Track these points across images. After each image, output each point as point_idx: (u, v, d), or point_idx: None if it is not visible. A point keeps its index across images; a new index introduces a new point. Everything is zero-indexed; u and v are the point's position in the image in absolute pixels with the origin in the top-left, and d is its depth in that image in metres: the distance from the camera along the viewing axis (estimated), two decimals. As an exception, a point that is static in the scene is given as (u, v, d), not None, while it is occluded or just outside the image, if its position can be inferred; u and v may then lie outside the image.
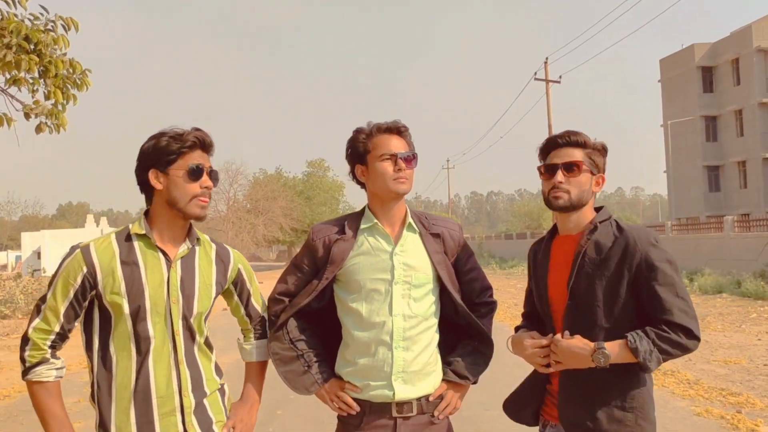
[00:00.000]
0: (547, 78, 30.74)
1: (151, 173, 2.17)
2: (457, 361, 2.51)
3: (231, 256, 2.40)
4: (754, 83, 39.50)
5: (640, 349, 2.09)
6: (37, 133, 6.82)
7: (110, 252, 2.14)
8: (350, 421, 2.46)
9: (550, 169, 2.34)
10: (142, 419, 2.11)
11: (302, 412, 6.59)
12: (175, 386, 2.15)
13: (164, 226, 2.21)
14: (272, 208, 45.19)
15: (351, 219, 2.53)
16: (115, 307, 2.11)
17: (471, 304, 2.58)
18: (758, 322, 12.80)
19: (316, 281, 2.48)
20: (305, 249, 2.56)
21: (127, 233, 2.20)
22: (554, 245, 2.44)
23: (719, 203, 42.59)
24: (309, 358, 2.50)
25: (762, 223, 22.97)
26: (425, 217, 2.56)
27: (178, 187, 2.17)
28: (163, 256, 2.19)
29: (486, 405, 6.39)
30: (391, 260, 2.43)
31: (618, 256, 2.20)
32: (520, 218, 64.51)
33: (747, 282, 17.91)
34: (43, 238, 46.79)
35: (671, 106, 45.05)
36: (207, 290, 2.27)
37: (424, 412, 2.43)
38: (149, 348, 2.13)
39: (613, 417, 2.17)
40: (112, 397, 2.11)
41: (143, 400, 2.11)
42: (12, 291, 19.47)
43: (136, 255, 2.16)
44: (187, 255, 2.25)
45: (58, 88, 6.68)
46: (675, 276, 2.18)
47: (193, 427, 2.17)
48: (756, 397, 6.93)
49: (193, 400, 2.18)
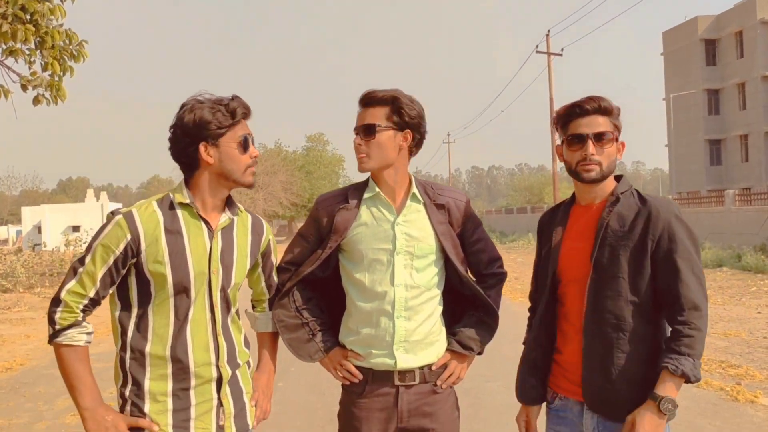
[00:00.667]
0: (548, 51, 30.48)
1: (202, 147, 2.11)
2: (462, 331, 2.50)
3: (264, 227, 2.39)
4: (757, 56, 39.20)
5: (686, 371, 2.02)
6: (34, 105, 6.78)
7: (155, 220, 2.10)
8: (353, 389, 2.47)
9: (577, 139, 2.21)
10: (178, 387, 2.10)
11: (304, 383, 6.62)
12: (213, 357, 2.15)
13: (207, 196, 2.18)
14: (272, 183, 45.17)
15: (355, 189, 2.51)
16: (157, 276, 2.08)
17: (479, 275, 2.57)
18: (758, 296, 12.85)
19: (320, 250, 2.47)
20: (310, 219, 2.56)
21: (170, 201, 2.15)
22: (572, 215, 2.37)
23: (720, 177, 42.51)
24: (314, 327, 2.51)
25: (763, 197, 22.93)
26: (431, 187, 2.53)
27: (233, 160, 2.14)
28: (205, 225, 2.17)
29: (486, 377, 6.44)
30: (392, 230, 2.41)
31: (641, 227, 2.15)
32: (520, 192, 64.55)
33: (747, 256, 17.94)
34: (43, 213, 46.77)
35: (674, 79, 44.76)
36: (243, 261, 2.27)
37: (426, 381, 2.43)
38: (188, 318, 2.12)
39: (637, 384, 2.13)
40: (146, 365, 2.09)
41: (180, 370, 2.10)
42: (13, 265, 19.54)
43: (180, 224, 2.13)
44: (228, 225, 2.23)
45: (55, 60, 6.61)
46: (694, 252, 2.13)
47: (227, 397, 2.19)
48: (755, 370, 6.97)
49: (229, 371, 2.19)
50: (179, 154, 2.15)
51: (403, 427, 2.42)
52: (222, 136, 2.12)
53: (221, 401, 2.18)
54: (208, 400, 2.15)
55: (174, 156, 2.17)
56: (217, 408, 2.17)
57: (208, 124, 2.09)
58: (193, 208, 2.15)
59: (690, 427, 5.13)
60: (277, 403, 6.13)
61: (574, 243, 2.30)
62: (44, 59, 6.61)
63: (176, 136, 2.13)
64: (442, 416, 2.45)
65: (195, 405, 2.13)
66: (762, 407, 5.67)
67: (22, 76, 6.62)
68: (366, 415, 2.42)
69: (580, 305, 2.24)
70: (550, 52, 30.51)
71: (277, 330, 2.49)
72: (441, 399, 2.46)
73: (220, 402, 2.18)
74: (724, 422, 5.27)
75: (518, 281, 15.17)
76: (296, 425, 5.50)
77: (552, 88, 30.00)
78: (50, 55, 6.59)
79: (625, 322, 2.14)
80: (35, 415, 5.90)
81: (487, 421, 5.36)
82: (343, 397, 2.54)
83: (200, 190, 2.17)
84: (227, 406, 2.19)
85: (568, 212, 2.39)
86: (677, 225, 2.13)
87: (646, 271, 2.14)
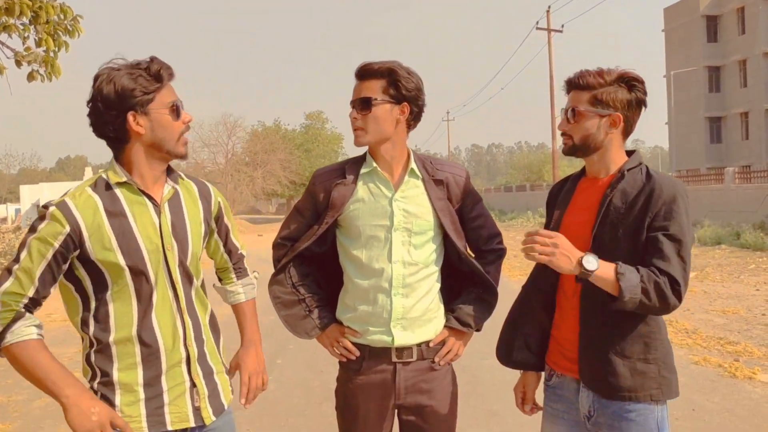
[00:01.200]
0: (549, 27, 30.25)
1: (131, 116, 1.94)
2: (460, 308, 2.48)
3: (211, 190, 2.26)
4: (759, 32, 38.90)
5: (626, 275, 1.98)
6: (29, 81, 6.69)
7: (92, 205, 1.93)
8: (350, 366, 2.45)
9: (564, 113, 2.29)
10: (149, 373, 1.99)
11: (301, 360, 6.63)
12: (180, 336, 2.05)
13: (145, 170, 2.01)
14: (271, 161, 45.06)
15: (352, 163, 2.46)
16: (108, 265, 1.93)
17: (478, 251, 2.54)
18: (756, 273, 12.85)
19: (316, 226, 2.44)
20: (307, 194, 2.51)
21: (105, 182, 1.99)
22: (579, 187, 2.36)
23: (720, 155, 42.41)
24: (310, 303, 2.48)
25: (763, 175, 22.87)
26: (430, 162, 2.48)
27: (165, 127, 1.98)
28: (149, 201, 2.02)
29: (484, 354, 6.39)
30: (390, 206, 2.37)
31: (641, 204, 2.11)
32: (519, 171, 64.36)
33: (746, 233, 17.92)
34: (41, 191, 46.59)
35: (674, 56, 44.47)
36: (198, 230, 2.15)
37: (424, 358, 2.41)
38: (152, 300, 2.00)
39: (636, 370, 2.11)
40: (113, 355, 1.97)
41: (150, 355, 1.99)
42: (12, 243, 19.48)
43: (122, 204, 1.97)
44: (173, 196, 2.09)
45: (49, 35, 6.52)
46: (687, 235, 2.08)
47: (198, 376, 2.09)
48: (753, 346, 6.99)
49: (196, 350, 2.10)
50: (104, 128, 1.97)
51: (400, 403, 2.41)
52: (151, 102, 1.95)
53: (194, 382, 2.07)
54: (180, 384, 2.04)
55: (98, 132, 1.99)
56: (190, 389, 2.07)
57: (132, 91, 1.92)
58: (132, 185, 2.00)
59: (688, 404, 5.14)
60: (275, 381, 6.18)
61: (577, 216, 2.28)
62: (38, 34, 6.52)
63: (97, 110, 1.94)
64: (439, 393, 2.44)
65: (167, 390, 2.01)
66: (760, 383, 5.68)
67: (17, 52, 6.54)
68: (363, 392, 2.40)
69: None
70: (550, 28, 30.27)
71: (253, 297, 2.45)
72: (439, 376, 2.44)
73: (193, 383, 2.07)
74: (722, 399, 5.29)
75: (517, 259, 15.16)
76: (294, 402, 5.51)
77: (552, 65, 29.80)
78: (44, 30, 6.49)
79: None
80: (34, 393, 5.89)
81: (486, 398, 5.38)
82: (340, 374, 2.52)
83: (135, 164, 2.01)
84: (200, 386, 2.09)
85: (576, 184, 2.37)
86: (679, 204, 2.08)
87: (642, 249, 2.10)
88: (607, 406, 2.16)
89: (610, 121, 2.20)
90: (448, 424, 2.48)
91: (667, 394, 2.14)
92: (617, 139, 2.23)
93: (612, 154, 2.24)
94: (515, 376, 2.55)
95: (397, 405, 2.41)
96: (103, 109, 1.94)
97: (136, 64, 1.97)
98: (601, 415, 2.17)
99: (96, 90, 1.94)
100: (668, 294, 2.00)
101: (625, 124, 2.22)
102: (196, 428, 2.07)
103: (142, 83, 1.94)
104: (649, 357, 2.11)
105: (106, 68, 1.96)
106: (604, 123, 2.20)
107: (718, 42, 42.33)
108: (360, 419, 2.42)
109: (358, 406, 2.41)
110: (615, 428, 2.14)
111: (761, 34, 38.84)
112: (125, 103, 1.93)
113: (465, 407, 5.14)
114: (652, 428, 2.13)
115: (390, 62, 2.34)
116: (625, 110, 2.20)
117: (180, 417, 2.03)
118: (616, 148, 2.24)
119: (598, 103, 2.20)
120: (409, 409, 2.42)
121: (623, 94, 2.19)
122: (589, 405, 2.20)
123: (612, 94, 2.19)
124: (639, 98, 2.21)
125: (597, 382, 2.17)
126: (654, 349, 2.12)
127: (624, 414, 2.13)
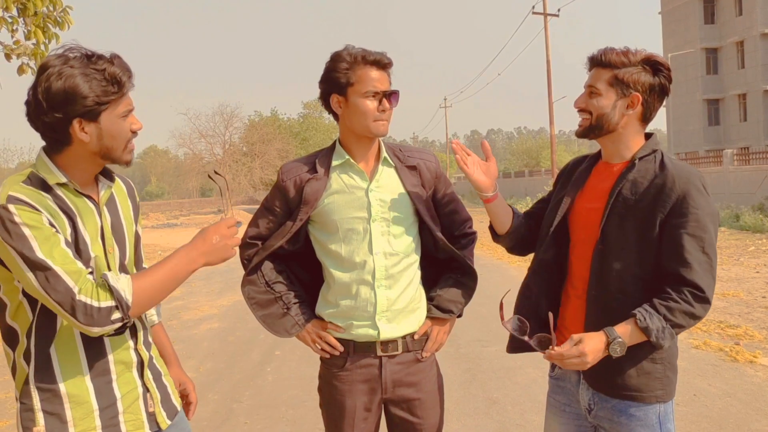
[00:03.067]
0: (545, 11, 30.05)
1: (76, 123, 1.72)
2: (440, 295, 2.44)
3: (134, 189, 2.12)
4: (756, 13, 38.68)
5: (651, 327, 1.92)
6: (19, 75, 6.61)
7: (47, 205, 1.71)
8: (334, 362, 2.39)
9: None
10: (99, 382, 1.82)
11: (300, 352, 6.60)
12: (130, 340, 1.91)
13: (81, 171, 1.82)
14: (268, 151, 44.93)
15: (321, 156, 2.39)
16: None
17: (451, 237, 2.49)
18: (756, 255, 12.81)
19: (290, 222, 2.36)
20: (275, 190, 2.41)
21: (42, 181, 1.75)
22: (594, 171, 2.27)
23: (718, 137, 42.31)
24: (288, 300, 2.43)
25: (761, 156, 22.84)
26: (399, 149, 2.44)
27: (114, 137, 1.78)
28: (91, 202, 1.85)
29: (483, 342, 6.40)
30: (366, 197, 2.32)
31: (652, 196, 2.03)
32: (518, 156, 64.26)
33: (745, 215, 17.90)
34: (39, 185, 46.42)
35: (672, 38, 44.28)
36: (131, 229, 2.01)
37: (409, 350, 2.37)
38: None
39: (642, 370, 2.06)
40: (55, 367, 1.77)
41: (98, 363, 1.82)
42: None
43: (69, 206, 1.77)
44: (110, 197, 1.95)
45: (38, 27, 6.44)
46: (709, 229, 1.98)
47: (149, 381, 1.98)
48: (754, 329, 6.95)
49: (147, 353, 1.99)
50: (43, 127, 1.74)
51: (387, 398, 2.37)
52: (104, 111, 1.74)
53: (147, 387, 1.95)
54: (133, 389, 1.90)
55: (34, 126, 1.77)
56: (143, 395, 1.94)
57: (84, 98, 1.70)
58: (71, 186, 1.79)
59: (689, 389, 5.11)
60: (273, 373, 6.17)
61: (589, 203, 2.21)
62: (27, 27, 6.44)
63: (40, 107, 1.71)
64: (426, 385, 2.41)
65: (121, 398, 1.86)
66: (761, 367, 5.65)
67: (6, 45, 6.46)
68: (349, 388, 2.36)
69: (585, 271, 2.15)
70: (546, 12, 30.08)
71: (161, 317, 2.30)
72: (425, 368, 2.41)
73: (146, 388, 1.95)
74: (723, 383, 5.26)
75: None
76: (291, 394, 5.48)
77: (549, 50, 29.64)
78: (33, 22, 6.41)
79: (629, 298, 2.03)
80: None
81: (485, 386, 5.34)
82: (323, 370, 2.46)
83: (71, 167, 1.80)
84: (153, 390, 1.97)
85: (591, 167, 2.30)
86: (694, 198, 1.98)
87: (653, 245, 2.02)
88: (606, 400, 2.12)
89: (628, 101, 2.11)
90: (437, 416, 2.45)
91: (670, 395, 2.09)
92: (634, 123, 2.14)
93: (627, 139, 2.15)
94: (515, 364, 2.51)
95: (384, 399, 2.37)
96: (46, 107, 1.70)
97: (92, 60, 1.73)
98: (602, 409, 2.13)
99: (44, 85, 1.70)
100: (696, 310, 1.94)
101: (644, 108, 2.13)
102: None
103: (96, 89, 1.71)
104: (656, 357, 2.05)
105: (58, 59, 1.71)
106: (621, 104, 2.12)
107: (715, 24, 42.10)
108: (347, 416, 2.37)
109: (344, 403, 2.36)
110: (615, 422, 2.10)
111: (758, 15, 38.62)
112: (73, 108, 1.70)
113: (465, 395, 5.12)
114: (654, 423, 2.08)
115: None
116: (646, 94, 2.11)
117: (135, 425, 1.90)
118: (632, 132, 2.15)
119: (618, 83, 2.11)
120: (397, 402, 2.38)
121: (646, 77, 2.10)
122: (588, 398, 2.16)
123: (635, 76, 2.10)
124: (662, 84, 2.12)
125: (601, 381, 2.12)
126: (661, 349, 2.03)
127: (624, 409, 2.08)
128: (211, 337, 7.74)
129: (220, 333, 7.97)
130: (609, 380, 2.09)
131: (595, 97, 2.13)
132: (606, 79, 2.12)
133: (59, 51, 1.73)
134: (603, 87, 2.12)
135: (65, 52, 1.73)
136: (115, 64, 1.75)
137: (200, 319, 8.83)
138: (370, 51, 2.27)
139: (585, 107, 2.16)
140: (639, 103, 2.10)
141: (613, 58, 2.11)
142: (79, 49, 1.74)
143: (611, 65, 2.11)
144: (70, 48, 1.74)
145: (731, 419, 4.51)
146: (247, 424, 4.85)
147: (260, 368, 6.33)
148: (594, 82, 2.14)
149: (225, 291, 11.41)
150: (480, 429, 4.49)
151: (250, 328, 7.85)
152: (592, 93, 2.14)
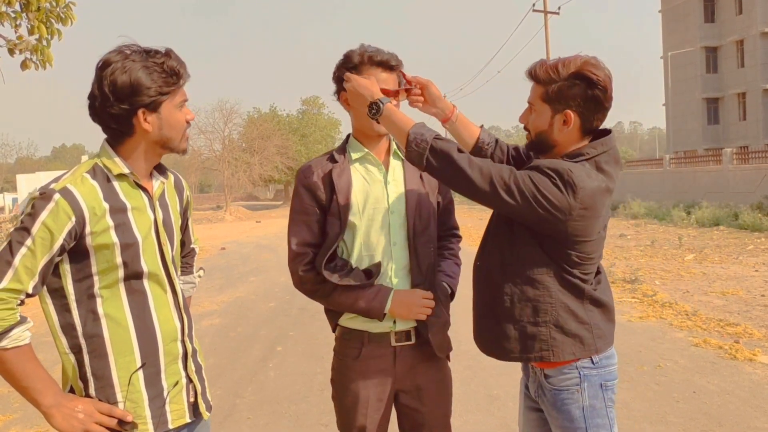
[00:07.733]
0: (545, 9, 30.04)
1: (140, 114, 1.84)
2: None
3: (183, 183, 2.19)
4: (756, 12, 38.67)
5: (417, 130, 2.03)
6: (22, 70, 6.62)
7: (96, 196, 1.80)
8: (348, 353, 2.39)
9: None
10: (149, 371, 1.89)
11: (301, 348, 6.62)
12: (179, 333, 1.97)
13: (142, 162, 1.93)
14: (267, 147, 44.94)
15: (338, 152, 2.41)
16: (102, 260, 1.81)
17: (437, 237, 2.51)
18: (755, 254, 12.86)
19: (332, 219, 2.32)
20: (304, 191, 2.36)
21: (104, 172, 1.86)
22: None
23: (718, 136, 42.32)
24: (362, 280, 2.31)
25: (760, 155, 22.87)
26: None
27: (173, 126, 1.91)
28: (146, 196, 1.93)
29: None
30: (385, 189, 2.36)
31: None
32: (517, 154, 64.12)
33: (744, 214, 17.93)
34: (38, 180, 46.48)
35: (671, 37, 44.25)
36: (179, 223, 2.10)
37: (420, 339, 2.36)
38: (147, 295, 1.90)
39: (525, 332, 2.11)
40: (109, 356, 1.83)
41: (149, 353, 1.89)
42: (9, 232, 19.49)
43: (122, 199, 1.86)
44: (162, 191, 2.03)
45: (41, 23, 6.44)
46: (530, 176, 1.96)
47: (193, 373, 2.04)
48: (753, 327, 6.98)
49: (191, 345, 2.04)
50: (108, 119, 1.85)
51: (399, 388, 2.39)
52: (165, 101, 1.87)
53: (190, 378, 2.01)
54: (178, 380, 1.97)
55: (98, 120, 1.88)
56: (186, 386, 2.00)
57: (148, 90, 1.82)
58: (130, 178, 1.90)
59: (689, 386, 5.14)
60: (276, 368, 6.19)
61: None
62: (30, 22, 6.44)
63: (106, 100, 1.82)
64: (436, 374, 2.43)
65: (167, 388, 1.94)
66: (760, 365, 5.68)
67: (9, 40, 6.47)
68: (363, 379, 2.37)
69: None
70: (546, 10, 30.07)
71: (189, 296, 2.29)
72: (435, 358, 2.42)
73: (189, 379, 2.01)
74: (722, 380, 5.29)
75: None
76: (295, 389, 5.51)
77: (548, 48, 29.61)
78: (36, 17, 6.42)
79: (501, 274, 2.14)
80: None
81: (486, 383, 5.37)
82: (337, 362, 2.47)
83: (134, 157, 1.91)
84: (195, 382, 2.03)
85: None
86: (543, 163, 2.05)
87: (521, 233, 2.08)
88: (537, 383, 2.22)
89: (563, 117, 2.07)
90: (445, 406, 2.48)
91: (559, 356, 2.09)
92: (575, 136, 2.09)
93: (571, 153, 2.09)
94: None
95: (396, 389, 2.39)
96: (113, 100, 1.81)
97: (150, 54, 1.85)
98: (540, 395, 2.22)
99: (108, 78, 1.81)
100: (457, 159, 2.00)
101: (582, 120, 2.06)
102: (185, 426, 2.01)
103: (158, 81, 1.84)
104: (538, 320, 2.09)
105: (119, 55, 1.83)
106: (557, 120, 2.08)
107: (715, 22, 42.07)
108: (360, 406, 2.37)
109: (358, 393, 2.37)
110: (547, 399, 2.18)
111: (758, 13, 38.61)
112: (138, 99, 1.82)
113: (465, 392, 5.14)
114: (572, 386, 2.12)
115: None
116: (580, 107, 2.04)
117: (179, 414, 1.97)
118: (574, 146, 2.10)
119: (550, 99, 2.07)
120: (408, 393, 2.40)
121: (579, 91, 2.02)
122: (534, 389, 2.26)
123: (565, 91, 2.03)
124: (596, 96, 2.03)
125: (490, 345, 2.21)
126: (544, 312, 2.08)
127: (544, 382, 2.17)
128: (212, 334, 7.76)
129: (221, 329, 7.99)
130: (497, 344, 2.18)
131: (533, 113, 2.13)
132: (539, 95, 2.10)
133: (115, 48, 1.85)
134: (537, 103, 2.11)
135: (122, 49, 1.85)
136: (172, 57, 1.88)
137: (201, 315, 8.85)
138: (380, 51, 2.29)
139: (525, 124, 2.18)
140: (573, 119, 2.06)
141: (541, 74, 2.08)
142: (133, 46, 1.87)
143: (540, 81, 2.08)
144: (124, 45, 1.86)
145: (730, 416, 4.54)
146: (250, 419, 4.88)
147: (262, 364, 6.35)
148: (531, 98, 2.14)
149: (226, 287, 11.43)
150: (481, 425, 4.53)
151: (252, 324, 7.87)
152: (531, 109, 2.14)
